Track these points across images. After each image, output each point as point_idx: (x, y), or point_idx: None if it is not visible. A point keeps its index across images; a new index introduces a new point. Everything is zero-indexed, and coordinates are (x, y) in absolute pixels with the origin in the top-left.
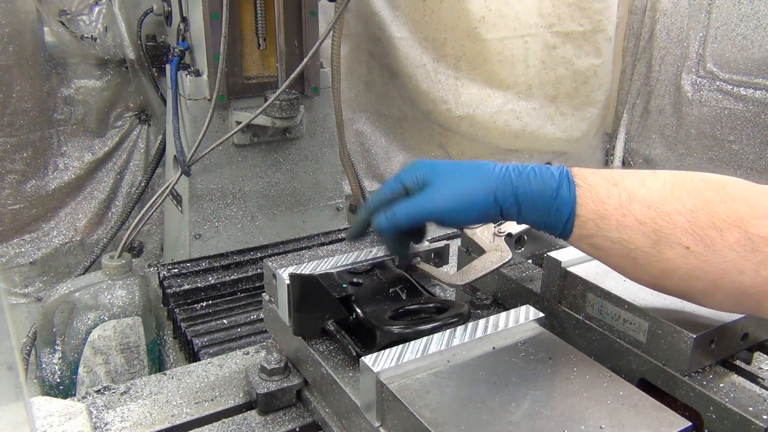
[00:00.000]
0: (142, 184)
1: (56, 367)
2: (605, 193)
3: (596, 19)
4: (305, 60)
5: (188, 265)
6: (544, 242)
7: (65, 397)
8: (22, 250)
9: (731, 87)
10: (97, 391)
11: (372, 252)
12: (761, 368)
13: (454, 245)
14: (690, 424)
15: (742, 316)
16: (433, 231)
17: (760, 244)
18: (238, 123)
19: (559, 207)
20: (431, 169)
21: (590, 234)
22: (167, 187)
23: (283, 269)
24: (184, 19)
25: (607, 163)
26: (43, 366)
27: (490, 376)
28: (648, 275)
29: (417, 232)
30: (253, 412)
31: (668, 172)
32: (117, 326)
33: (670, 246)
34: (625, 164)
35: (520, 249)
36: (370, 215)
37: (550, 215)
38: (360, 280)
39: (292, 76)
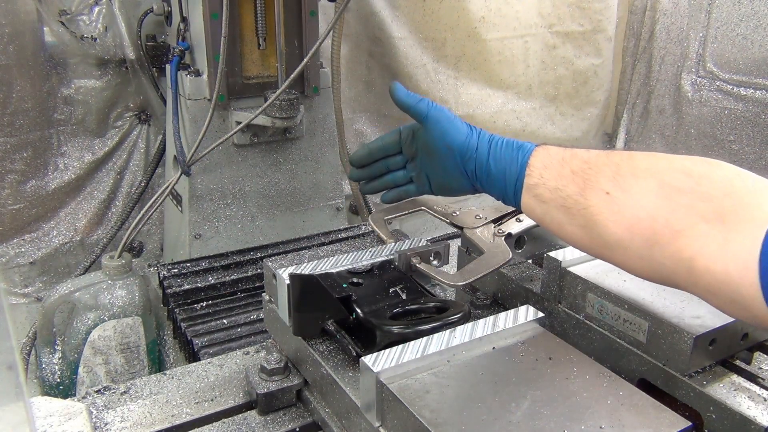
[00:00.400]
0: (142, 184)
1: (56, 367)
2: (554, 151)
3: (596, 19)
4: (305, 60)
5: (188, 265)
6: (544, 242)
7: (65, 397)
8: (22, 250)
9: (731, 87)
10: (97, 391)
11: (372, 252)
12: (761, 368)
13: (454, 245)
14: (690, 424)
15: None
16: (434, 231)
17: (672, 193)
18: (238, 123)
19: (519, 155)
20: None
21: (535, 183)
22: (167, 187)
23: (283, 269)
24: (184, 19)
25: None
26: (43, 366)
27: (490, 376)
28: (578, 225)
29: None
30: (253, 412)
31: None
32: (117, 326)
33: (594, 192)
34: None
35: (520, 249)
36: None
37: (512, 162)
38: (360, 280)
39: (292, 76)
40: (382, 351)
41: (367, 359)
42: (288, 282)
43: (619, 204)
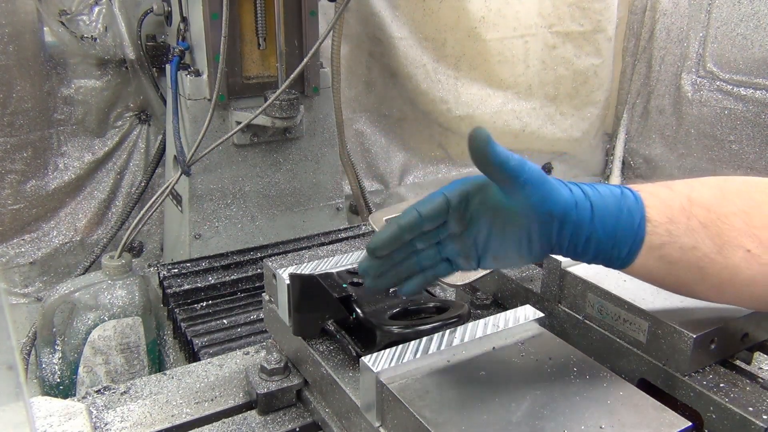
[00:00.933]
0: (142, 184)
1: (56, 367)
2: (666, 195)
3: (596, 19)
4: (305, 60)
5: (188, 265)
6: None
7: (65, 397)
8: (22, 250)
9: (731, 87)
10: (97, 391)
11: None
12: (761, 368)
13: None
14: (690, 424)
15: (742, 315)
16: None
17: None
18: (238, 123)
19: (630, 208)
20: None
21: (662, 242)
22: (167, 187)
23: (283, 269)
24: (184, 19)
25: (607, 163)
26: (43, 366)
27: (490, 376)
28: (711, 285)
29: None
30: (253, 412)
31: (710, 177)
32: (117, 326)
33: (733, 250)
34: (625, 164)
35: None
36: (405, 235)
37: (620, 219)
38: (360, 280)
39: (292, 76)
40: (382, 351)
41: (367, 359)
42: (288, 282)
43: (761, 262)
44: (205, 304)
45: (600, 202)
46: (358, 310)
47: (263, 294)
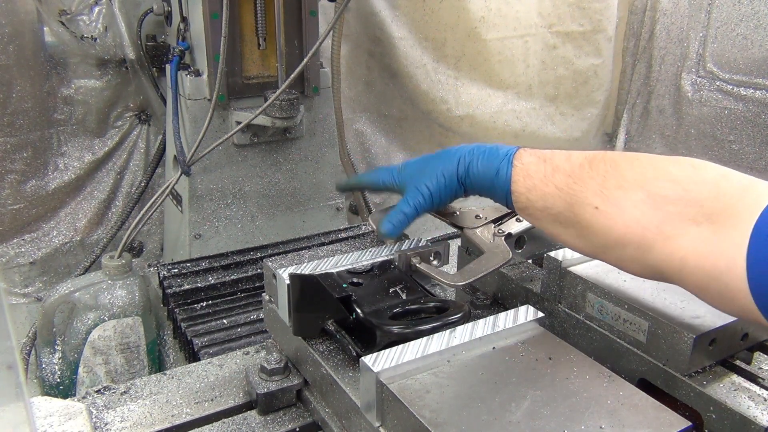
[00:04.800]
0: (142, 184)
1: (56, 367)
2: (534, 168)
3: (596, 19)
4: (305, 60)
5: (188, 265)
6: (544, 242)
7: (65, 397)
8: (22, 250)
9: (731, 87)
10: (97, 391)
11: (372, 252)
12: (761, 368)
13: (454, 245)
14: (690, 424)
15: None
16: (434, 231)
17: (660, 202)
18: (238, 123)
19: (499, 185)
20: (403, 173)
21: (524, 206)
22: (167, 187)
23: (283, 269)
24: (184, 19)
25: None
26: (43, 366)
27: (490, 376)
28: (572, 235)
29: None
30: (253, 412)
31: (597, 151)
32: (117, 326)
33: (582, 207)
34: None
35: (520, 249)
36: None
37: (494, 192)
38: (360, 280)
39: (292, 76)
40: (382, 351)
41: (367, 359)
42: (288, 282)
43: (608, 217)
44: (205, 304)
45: (476, 179)
46: (358, 310)
47: (263, 294)
